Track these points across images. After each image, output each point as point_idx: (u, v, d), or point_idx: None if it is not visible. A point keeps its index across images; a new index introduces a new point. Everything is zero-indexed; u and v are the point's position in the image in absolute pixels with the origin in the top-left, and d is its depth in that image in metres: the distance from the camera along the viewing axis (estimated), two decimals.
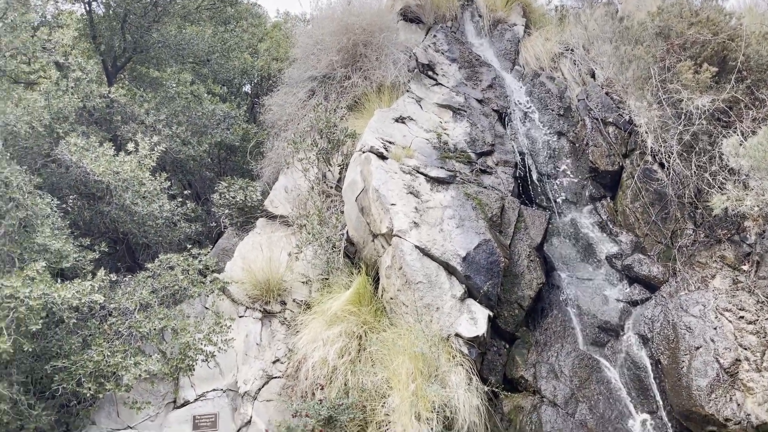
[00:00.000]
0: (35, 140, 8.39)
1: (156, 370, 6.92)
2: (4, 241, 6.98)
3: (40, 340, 6.86)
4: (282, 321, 7.89)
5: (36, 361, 6.99)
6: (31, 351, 6.62)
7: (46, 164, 8.67)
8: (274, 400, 6.99)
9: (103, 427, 7.31)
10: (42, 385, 7.18)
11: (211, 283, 7.93)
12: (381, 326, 6.81)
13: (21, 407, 6.70)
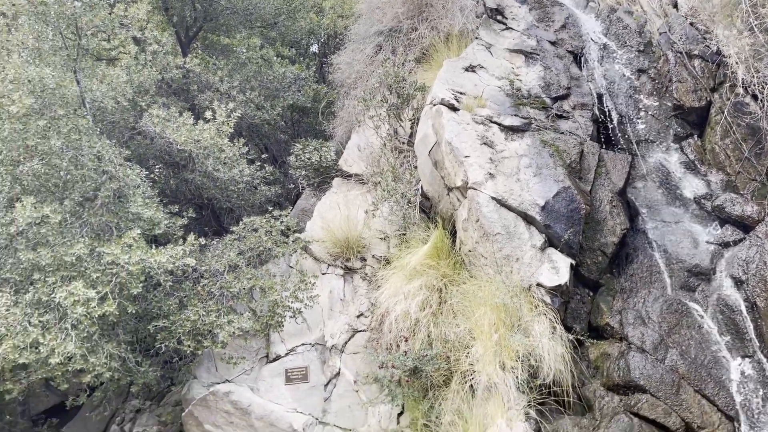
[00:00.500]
0: (121, 114, 8.81)
1: (248, 327, 7.30)
2: (102, 212, 7.45)
3: (141, 302, 7.35)
4: (363, 276, 8.08)
5: (139, 322, 7.51)
6: (134, 313, 7.12)
7: (133, 137, 9.11)
8: (360, 353, 7.23)
9: (204, 381, 7.81)
10: (146, 343, 7.73)
11: (294, 243, 8.20)
12: (460, 279, 6.85)
13: (129, 364, 7.25)
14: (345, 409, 6.98)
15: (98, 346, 6.86)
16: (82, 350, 6.61)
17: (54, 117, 7.21)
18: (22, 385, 7.38)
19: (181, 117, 8.68)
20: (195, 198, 10.00)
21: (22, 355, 6.40)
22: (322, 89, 12.40)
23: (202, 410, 7.47)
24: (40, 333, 6.49)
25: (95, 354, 6.76)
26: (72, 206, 7.24)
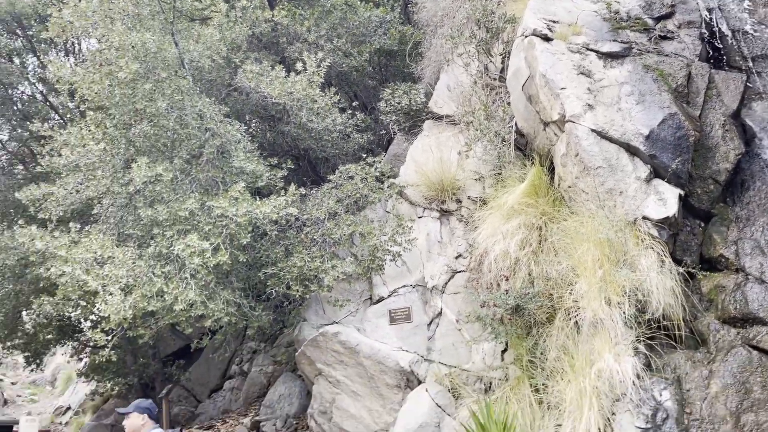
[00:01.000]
0: (217, 72, 9.13)
1: (351, 271, 7.57)
2: (208, 168, 7.86)
3: (250, 251, 7.78)
4: (459, 218, 8.09)
5: (250, 270, 7.97)
6: (244, 261, 7.55)
7: (229, 93, 9.44)
8: (460, 293, 7.32)
9: (313, 323, 8.23)
10: (257, 290, 8.21)
11: (389, 188, 8.32)
12: (561, 216, 6.70)
13: (244, 309, 7.74)
14: (449, 346, 7.14)
15: (215, 293, 7.37)
16: (202, 297, 7.12)
17: (158, 80, 7.59)
18: (152, 330, 8.08)
19: (274, 71, 8.87)
20: (292, 149, 10.30)
21: (150, 303, 6.99)
22: (407, 30, 12.19)
23: (313, 350, 7.91)
24: (163, 283, 7.03)
25: (213, 300, 7.27)
26: (181, 164, 7.67)
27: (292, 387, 9.55)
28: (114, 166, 7.85)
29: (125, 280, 7.09)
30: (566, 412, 5.29)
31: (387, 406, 7.36)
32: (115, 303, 6.86)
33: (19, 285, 10.41)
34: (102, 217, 8.22)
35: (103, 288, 7.11)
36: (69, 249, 7.47)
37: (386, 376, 7.37)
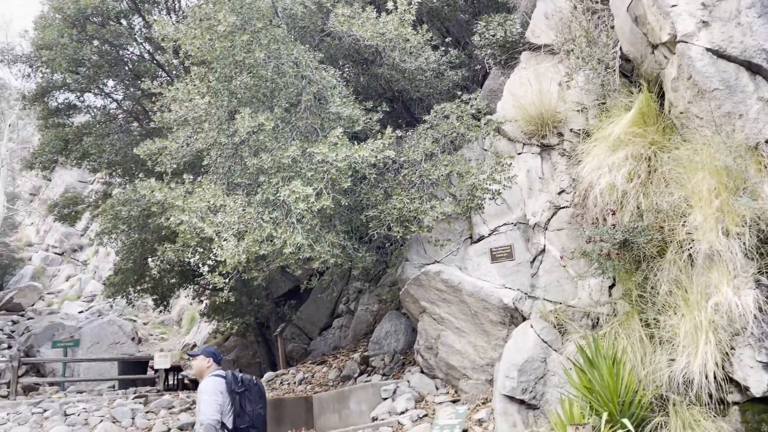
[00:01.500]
0: (310, 18, 9.18)
1: (450, 211, 7.59)
2: (306, 115, 8.03)
3: (351, 195, 7.97)
4: (561, 152, 7.82)
5: (352, 213, 8.19)
6: (346, 205, 7.76)
7: (322, 39, 9.49)
8: (564, 229, 7.16)
9: (415, 263, 8.38)
10: (360, 232, 8.43)
11: (486, 126, 8.15)
12: (671, 144, 6.31)
13: (348, 251, 8.00)
14: (553, 283, 7.06)
15: (321, 237, 7.65)
16: (308, 240, 7.42)
17: (254, 30, 7.76)
18: (264, 273, 8.55)
19: (365, 12, 8.80)
20: (386, 92, 10.28)
21: (261, 247, 7.37)
22: None
23: (416, 289, 8.08)
24: (272, 228, 7.38)
25: (319, 243, 7.56)
26: (280, 113, 7.89)
27: (398, 324, 9.86)
28: (219, 118, 8.21)
29: (237, 227, 7.51)
30: (680, 346, 5.13)
31: (492, 342, 7.45)
32: (230, 248, 7.30)
33: (143, 234, 11.32)
34: (212, 168, 8.68)
35: (217, 234, 7.58)
36: (185, 199, 7.99)
37: (490, 313, 7.43)
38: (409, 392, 7.83)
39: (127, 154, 12.27)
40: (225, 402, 4.49)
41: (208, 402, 4.42)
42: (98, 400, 10.34)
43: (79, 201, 15.87)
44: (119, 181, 14.48)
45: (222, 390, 4.51)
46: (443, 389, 7.99)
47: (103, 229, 11.97)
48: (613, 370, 5.33)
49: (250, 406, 4.60)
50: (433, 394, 7.88)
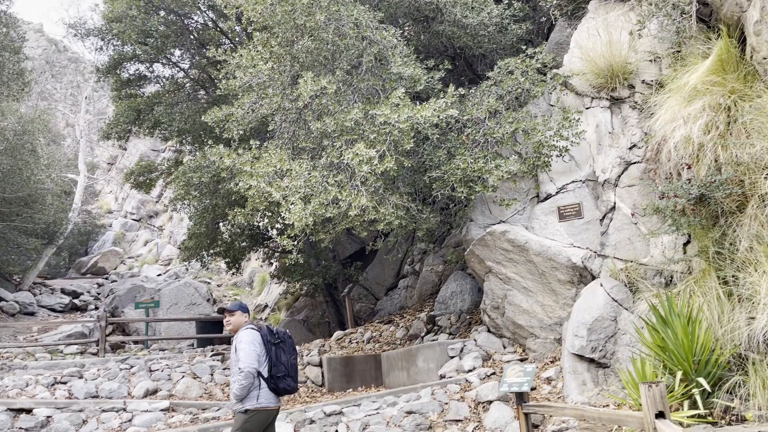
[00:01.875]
0: None
1: (515, 170, 7.45)
2: (368, 77, 8.00)
3: (414, 156, 7.94)
4: (632, 105, 7.51)
5: (415, 174, 8.17)
6: (409, 167, 7.75)
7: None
8: (635, 185, 6.92)
9: (480, 223, 8.33)
10: (423, 193, 8.43)
11: (552, 80, 7.90)
12: (753, 92, 5.94)
13: (412, 212, 8.02)
14: (624, 241, 6.87)
15: (384, 199, 7.70)
16: (373, 203, 7.48)
17: None
18: (331, 235, 8.71)
19: None
20: (447, 49, 10.09)
21: (327, 210, 7.50)
22: None
23: (482, 249, 8.05)
24: (337, 191, 7.48)
25: (383, 205, 7.61)
26: (342, 75, 7.89)
27: (463, 284, 9.88)
28: (282, 83, 8.29)
29: (303, 190, 7.65)
30: (760, 304, 4.93)
31: (560, 301, 7.37)
32: (297, 211, 7.46)
33: (214, 199, 11.69)
34: (277, 133, 8.82)
35: (284, 198, 7.75)
36: (252, 164, 8.18)
37: (558, 272, 7.33)
38: (476, 351, 7.89)
39: (195, 122, 12.61)
40: (261, 352, 4.76)
41: (247, 351, 4.68)
42: (179, 358, 10.92)
43: (153, 169, 16.51)
44: (189, 149, 14.96)
45: (258, 341, 4.79)
46: (510, 348, 8.00)
47: (176, 196, 12.43)
48: (687, 329, 5.18)
49: (285, 357, 4.88)
50: (500, 352, 7.90)
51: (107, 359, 10.77)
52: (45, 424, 7.60)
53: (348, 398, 7.80)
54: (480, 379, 7.13)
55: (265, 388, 4.71)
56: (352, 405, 7.11)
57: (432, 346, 8.37)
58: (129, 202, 33.19)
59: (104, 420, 7.74)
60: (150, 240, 30.15)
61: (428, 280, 12.34)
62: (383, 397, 7.35)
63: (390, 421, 6.45)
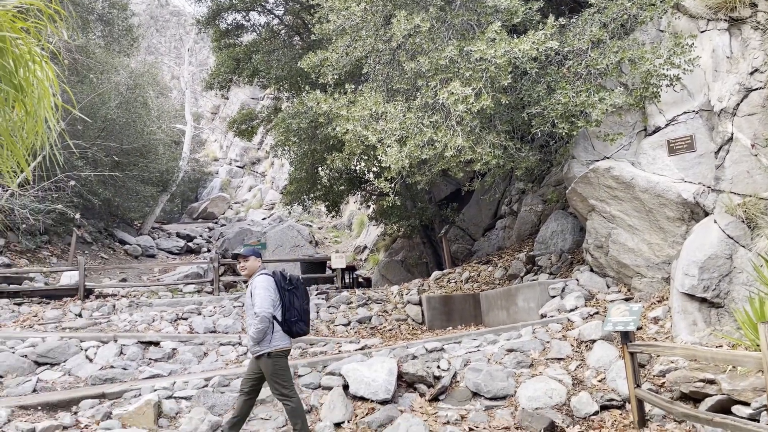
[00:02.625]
0: None
1: (620, 103, 7.06)
2: (462, 11, 7.76)
3: (512, 93, 7.70)
4: (754, 26, 6.84)
5: (513, 112, 7.95)
6: (507, 104, 7.54)
7: None
8: (757, 114, 6.38)
9: (582, 160, 8.03)
10: (522, 131, 8.20)
11: (662, 3, 7.31)
12: None
13: (510, 151, 7.85)
14: (742, 174, 6.41)
15: (481, 138, 7.57)
16: (469, 143, 7.38)
17: None
18: (427, 176, 8.73)
19: None
20: None
21: (422, 152, 7.49)
22: None
23: (584, 187, 7.78)
24: (432, 132, 7.43)
25: (480, 145, 7.50)
26: (435, 12, 7.71)
27: (564, 224, 9.65)
28: (375, 24, 8.22)
29: (399, 133, 7.67)
30: None
31: (668, 239, 7.05)
32: (393, 154, 7.50)
33: (313, 145, 11.97)
34: (371, 76, 8.82)
35: (380, 141, 7.81)
36: (348, 108, 8.26)
37: (666, 209, 6.98)
38: (578, 290, 7.76)
39: (292, 69, 12.83)
40: (276, 297, 4.93)
41: (263, 296, 4.86)
42: None
43: (254, 117, 17.06)
44: (287, 96, 15.28)
45: (273, 287, 4.96)
46: (614, 287, 7.80)
47: (277, 142, 12.83)
48: None
49: (298, 302, 5.03)
50: (604, 292, 7.73)
51: (221, 297, 11.55)
52: (171, 356, 8.33)
53: (448, 336, 7.96)
54: (582, 319, 7.04)
55: (279, 330, 4.92)
56: (452, 342, 7.26)
57: (532, 285, 8.32)
58: (233, 150, 34.68)
59: (222, 353, 8.37)
60: (254, 186, 31.50)
61: (527, 220, 12.15)
62: (483, 335, 7.44)
63: (491, 358, 6.54)
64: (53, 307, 10.92)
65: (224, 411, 5.99)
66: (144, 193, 19.05)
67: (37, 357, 7.94)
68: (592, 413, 5.38)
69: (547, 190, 11.49)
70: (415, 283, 11.87)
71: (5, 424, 5.92)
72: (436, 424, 5.53)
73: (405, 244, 16.81)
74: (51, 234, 16.18)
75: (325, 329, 9.85)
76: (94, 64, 16.91)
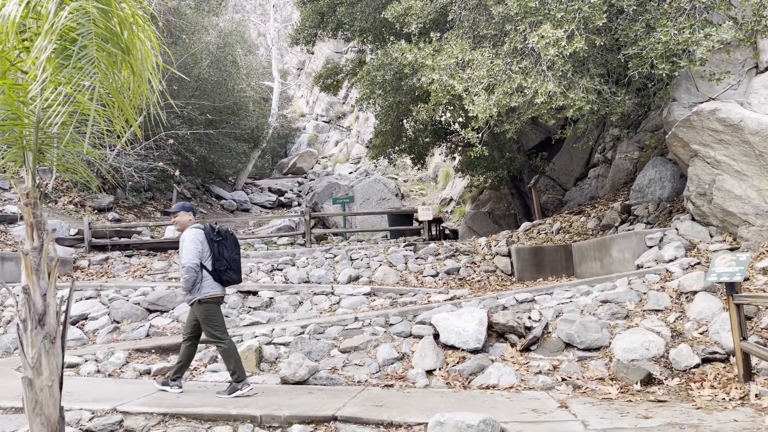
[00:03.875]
0: None
1: (729, 38, 6.53)
2: None
3: (606, 34, 7.29)
4: None
5: (607, 54, 7.54)
6: (601, 45, 7.16)
7: None
8: None
9: (684, 102, 7.54)
10: (617, 74, 7.78)
11: None
12: None
13: (605, 96, 7.49)
14: None
15: (573, 83, 7.26)
16: (560, 88, 7.10)
17: None
18: (515, 125, 8.51)
19: None
20: None
21: (511, 99, 7.29)
22: None
23: (686, 131, 7.33)
24: (522, 78, 7.20)
25: (572, 90, 7.19)
26: None
27: (663, 171, 9.17)
28: None
29: (486, 81, 7.48)
30: None
31: None
32: (480, 103, 7.35)
33: (398, 97, 11.91)
34: (456, 23, 8.60)
35: (467, 90, 7.65)
36: (433, 58, 8.12)
37: None
38: (677, 240, 7.41)
39: (375, 20, 12.70)
40: (204, 249, 5.23)
41: (189, 248, 5.18)
42: (375, 248, 11.73)
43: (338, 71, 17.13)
44: (371, 48, 15.19)
45: (201, 239, 5.24)
46: (718, 237, 7.38)
47: (362, 95, 12.85)
48: None
49: (227, 252, 5.33)
50: (706, 242, 7.34)
51: (313, 249, 11.93)
52: (269, 305, 8.75)
53: (539, 287, 7.87)
54: (682, 269, 6.74)
55: (209, 279, 5.23)
56: (543, 293, 7.17)
57: (628, 235, 8.02)
58: (319, 105, 35.13)
59: (316, 302, 8.70)
60: (340, 140, 31.91)
61: (622, 168, 11.64)
62: (576, 286, 7.30)
63: (584, 309, 6.42)
64: (159, 259, 11.68)
65: (320, 357, 6.27)
66: (237, 149, 19.76)
67: (149, 305, 8.57)
68: (693, 366, 5.21)
69: (644, 136, 10.92)
70: (503, 234, 11.74)
71: (124, 365, 6.48)
72: (528, 373, 5.54)
73: (492, 195, 16.59)
74: (154, 190, 17.19)
75: (413, 280, 9.99)
76: (186, 25, 17.47)
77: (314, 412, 4.40)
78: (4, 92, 2.89)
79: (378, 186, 20.35)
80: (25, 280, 3.16)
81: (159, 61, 3.17)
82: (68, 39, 2.42)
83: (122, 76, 2.65)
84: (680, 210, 8.31)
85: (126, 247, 12.62)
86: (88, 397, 5.01)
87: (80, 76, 2.39)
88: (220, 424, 4.36)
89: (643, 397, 4.79)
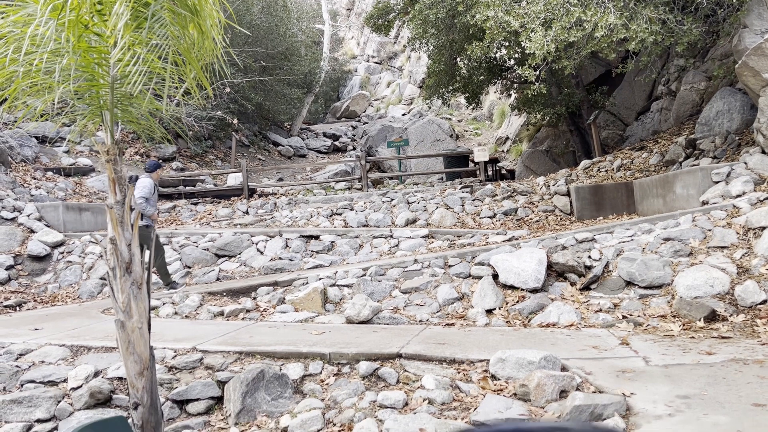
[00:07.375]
0: None
1: None
2: None
3: None
4: None
5: None
6: None
7: None
8: None
9: (755, 28, 7.14)
10: (683, 2, 7.40)
11: None
12: None
13: (670, 25, 7.17)
14: None
15: (636, 14, 6.96)
16: (622, 20, 6.83)
17: None
18: (574, 60, 8.26)
19: None
20: None
21: (570, 34, 7.07)
22: None
23: (757, 59, 6.97)
24: (581, 12, 6.95)
25: (635, 21, 6.91)
26: None
27: (731, 102, 8.77)
28: None
29: (543, 15, 7.26)
30: None
31: None
32: (538, 39, 7.16)
33: (451, 35, 11.69)
34: None
35: (523, 26, 7.46)
36: None
37: None
38: (746, 174, 7.16)
39: None
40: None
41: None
42: (431, 191, 11.80)
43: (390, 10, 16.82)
44: None
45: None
46: None
47: (414, 35, 12.65)
48: None
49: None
50: None
51: (370, 193, 12.10)
52: (330, 248, 9.02)
53: (599, 226, 7.80)
54: (751, 205, 6.54)
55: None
56: (604, 232, 7.12)
57: (692, 171, 7.80)
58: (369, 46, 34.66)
59: (376, 245, 8.91)
60: (392, 81, 31.55)
61: (687, 100, 11.17)
62: (637, 224, 7.21)
63: (646, 247, 6.36)
64: (224, 206, 12.12)
65: (382, 297, 6.49)
66: (291, 95, 19.89)
67: (217, 250, 8.98)
68: (759, 302, 5.14)
69: (711, 66, 10.40)
70: (562, 173, 11.57)
71: (198, 307, 6.89)
72: (588, 311, 5.59)
73: (550, 133, 16.24)
74: (214, 139, 17.63)
75: (471, 222, 10.05)
76: None
77: (380, 349, 4.62)
78: (80, 55, 3.06)
79: (432, 127, 20.19)
80: (112, 231, 3.40)
81: (221, 17, 3.26)
82: (141, 3, 2.54)
83: (192, 36, 2.76)
84: (749, 143, 7.99)
85: (191, 195, 13.12)
86: (169, 337, 5.40)
87: (155, 39, 2.51)
88: (292, 361, 4.64)
89: (706, 334, 4.79)
